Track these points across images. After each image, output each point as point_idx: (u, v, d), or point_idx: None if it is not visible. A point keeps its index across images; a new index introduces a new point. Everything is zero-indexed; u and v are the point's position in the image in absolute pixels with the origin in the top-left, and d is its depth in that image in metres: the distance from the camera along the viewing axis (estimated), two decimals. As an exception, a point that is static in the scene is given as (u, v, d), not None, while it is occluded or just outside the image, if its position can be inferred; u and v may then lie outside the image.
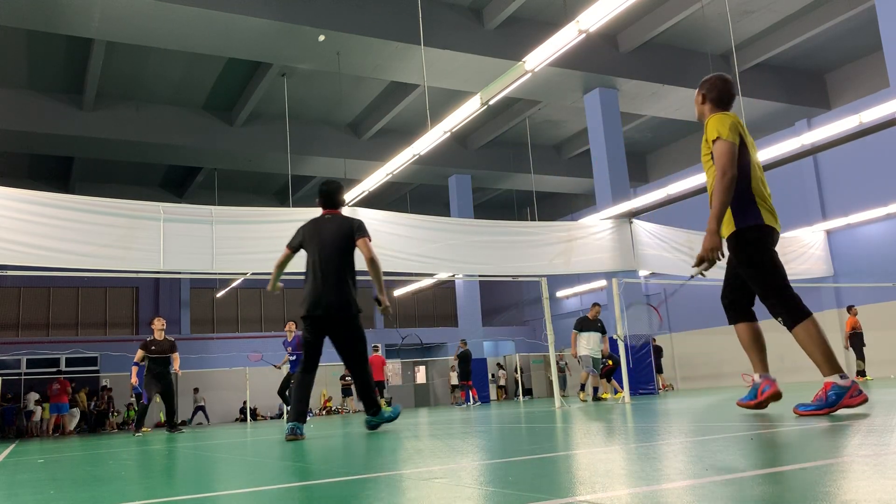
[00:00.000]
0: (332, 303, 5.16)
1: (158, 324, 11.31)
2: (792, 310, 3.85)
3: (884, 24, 11.90)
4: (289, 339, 12.43)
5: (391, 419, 5.75)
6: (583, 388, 12.68)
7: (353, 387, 20.48)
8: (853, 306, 14.75)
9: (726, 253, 4.06)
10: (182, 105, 17.75)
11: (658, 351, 18.56)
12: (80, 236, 7.40)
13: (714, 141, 3.89)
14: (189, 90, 17.03)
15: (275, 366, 13.57)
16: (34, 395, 20.30)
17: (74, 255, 7.35)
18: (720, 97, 4.17)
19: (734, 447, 2.45)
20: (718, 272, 4.57)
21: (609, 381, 12.53)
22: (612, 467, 2.12)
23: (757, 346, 4.27)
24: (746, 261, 3.94)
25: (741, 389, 12.54)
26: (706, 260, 3.94)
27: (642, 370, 14.83)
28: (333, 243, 5.26)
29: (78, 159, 19.60)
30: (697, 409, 5.97)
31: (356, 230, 5.30)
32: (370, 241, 5.32)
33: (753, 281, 3.96)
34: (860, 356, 14.28)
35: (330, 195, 5.55)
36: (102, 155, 18.09)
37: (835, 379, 3.70)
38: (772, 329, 4.70)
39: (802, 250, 15.29)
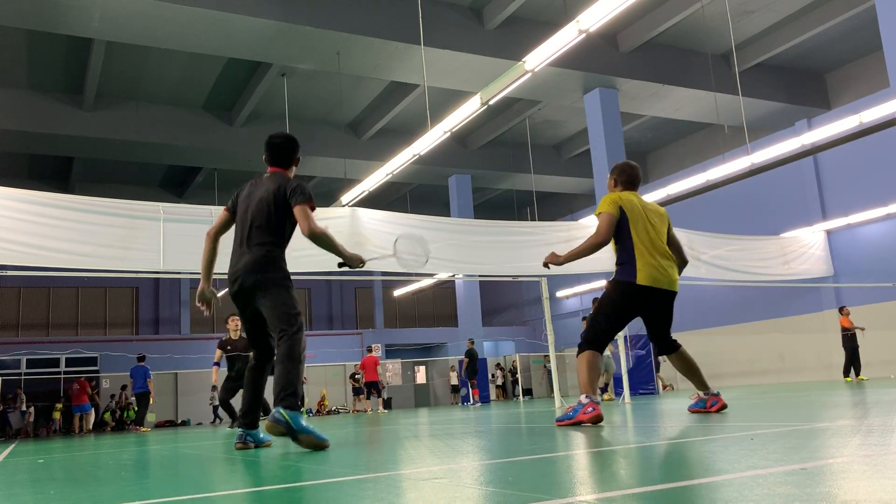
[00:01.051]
0: (244, 269, 4.09)
1: (233, 324, 10.51)
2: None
3: (884, 24, 11.90)
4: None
5: (314, 444, 3.76)
6: (605, 389, 12.68)
7: (363, 386, 20.37)
8: (844, 307, 14.77)
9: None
10: (182, 105, 17.75)
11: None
12: (80, 236, 7.40)
13: (599, 214, 4.78)
14: (189, 90, 17.03)
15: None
16: (22, 395, 20.49)
17: (74, 255, 7.35)
18: (625, 178, 5.07)
19: (734, 447, 2.45)
20: (720, 272, 4.84)
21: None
22: (613, 467, 2.12)
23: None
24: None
25: (741, 390, 12.53)
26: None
27: (642, 370, 14.82)
28: (260, 206, 4.16)
29: (78, 159, 19.60)
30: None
31: (291, 194, 4.10)
32: (312, 209, 4.10)
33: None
34: (849, 359, 14.12)
35: (276, 148, 4.37)
36: (102, 155, 18.09)
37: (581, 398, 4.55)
38: (773, 329, 4.74)
39: (802, 250, 15.29)
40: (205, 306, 4.45)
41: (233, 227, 4.41)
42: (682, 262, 4.97)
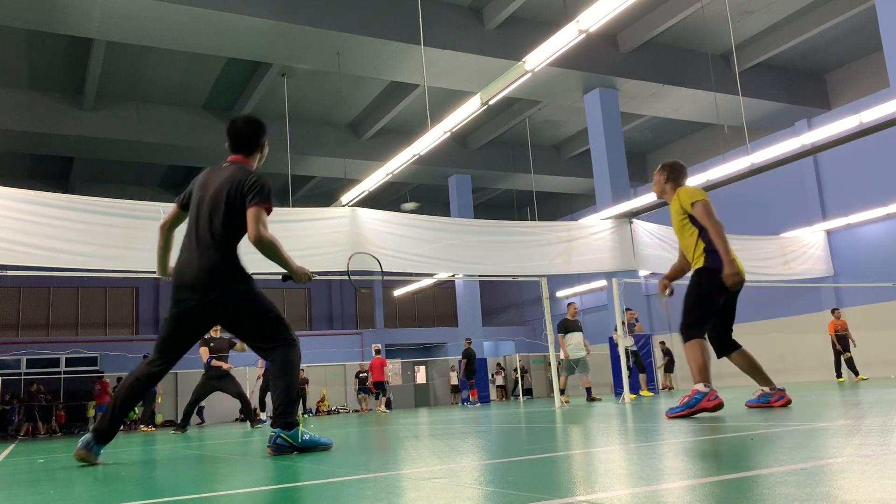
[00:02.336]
0: (199, 279, 3.59)
1: None
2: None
3: (884, 24, 11.90)
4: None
5: (305, 447, 3.62)
6: (563, 391, 12.77)
7: (368, 384, 20.40)
8: (836, 309, 14.82)
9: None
10: (182, 105, 17.75)
11: (668, 352, 18.45)
12: (80, 236, 7.40)
13: (694, 204, 4.93)
14: (189, 90, 17.03)
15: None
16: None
17: (74, 255, 7.35)
18: (680, 175, 5.29)
19: (734, 447, 2.45)
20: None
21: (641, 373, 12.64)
22: (612, 467, 2.12)
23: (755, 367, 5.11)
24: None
25: (739, 390, 12.54)
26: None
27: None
28: (216, 202, 3.67)
29: (78, 159, 19.60)
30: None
31: (248, 190, 3.62)
32: (268, 212, 3.69)
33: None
34: (842, 357, 14.28)
35: (236, 133, 3.87)
36: (102, 155, 18.09)
37: (699, 387, 4.73)
38: (773, 329, 4.81)
39: (802, 250, 15.29)
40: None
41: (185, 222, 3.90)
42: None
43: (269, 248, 3.62)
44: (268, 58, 13.81)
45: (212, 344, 10.58)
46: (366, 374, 21.67)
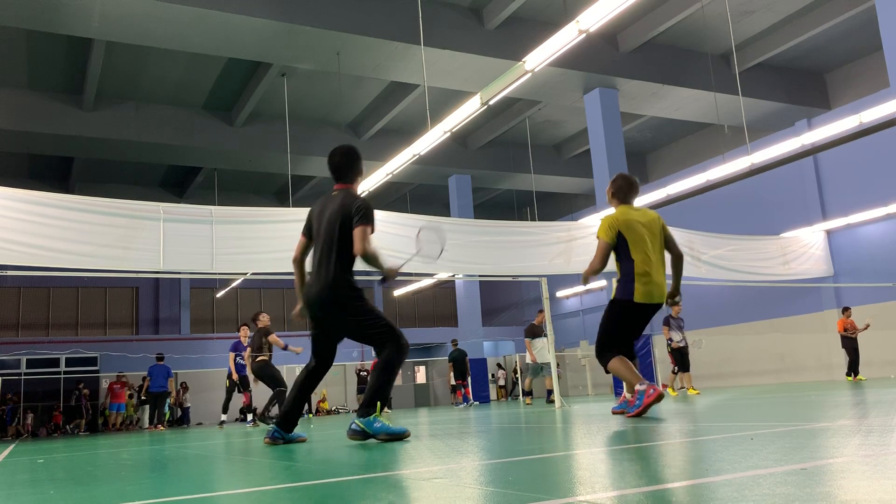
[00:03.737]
0: (317, 297, 4.27)
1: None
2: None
3: (884, 24, 11.90)
4: (244, 344, 12.39)
5: (390, 436, 4.08)
6: (529, 393, 12.93)
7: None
8: (848, 308, 14.76)
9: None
10: (182, 105, 17.75)
11: (682, 350, 17.64)
12: (80, 236, 7.40)
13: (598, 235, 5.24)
14: (189, 90, 17.03)
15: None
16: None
17: (74, 255, 7.35)
18: (624, 194, 5.42)
19: (734, 447, 2.45)
20: (720, 272, 4.96)
21: (683, 372, 12.71)
22: (612, 467, 2.12)
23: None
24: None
25: (740, 390, 12.53)
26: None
27: (642, 370, 14.82)
28: (329, 228, 4.31)
29: (78, 159, 19.60)
30: (697, 409, 5.97)
31: (355, 213, 4.24)
32: (370, 230, 4.27)
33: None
34: (851, 359, 14.22)
35: (335, 167, 4.51)
36: (102, 155, 18.09)
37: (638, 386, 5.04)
38: (773, 329, 4.77)
39: (802, 250, 15.29)
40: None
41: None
42: (676, 259, 5.35)
43: (372, 260, 4.27)
44: (268, 58, 13.81)
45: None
46: (366, 374, 21.70)
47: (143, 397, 20.15)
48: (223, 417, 13.60)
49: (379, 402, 4.18)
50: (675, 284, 5.39)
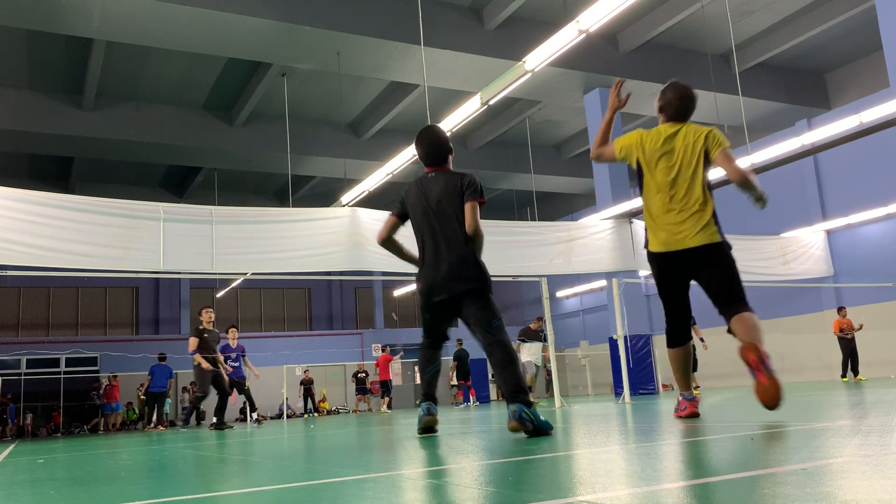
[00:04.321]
0: (448, 277, 4.07)
1: (206, 315, 11.23)
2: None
3: (884, 24, 11.90)
4: (232, 346, 12.36)
5: (541, 427, 3.72)
6: (530, 389, 13.11)
7: (367, 384, 20.55)
8: (843, 308, 14.77)
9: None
10: (182, 105, 17.75)
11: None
12: (80, 236, 7.40)
13: (727, 148, 4.06)
14: (189, 90, 17.03)
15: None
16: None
17: (74, 255, 7.35)
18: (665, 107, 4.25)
19: (734, 447, 2.45)
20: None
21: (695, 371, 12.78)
22: (612, 467, 2.12)
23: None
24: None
25: (741, 390, 12.53)
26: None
27: (642, 370, 14.81)
28: (444, 211, 4.17)
29: (78, 159, 19.60)
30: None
31: (467, 187, 4.17)
32: (481, 205, 4.17)
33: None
34: (846, 360, 14.24)
35: (426, 150, 4.43)
36: (102, 155, 18.09)
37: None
38: (773, 329, 4.76)
39: (802, 250, 15.29)
40: None
41: (402, 236, 4.51)
42: (737, 180, 3.91)
43: (480, 239, 4.15)
44: (268, 58, 13.81)
45: (206, 335, 10.79)
46: (364, 375, 21.75)
47: (142, 397, 20.18)
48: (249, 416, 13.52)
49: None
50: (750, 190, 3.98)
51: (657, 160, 4.07)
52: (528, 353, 13.36)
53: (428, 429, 4.37)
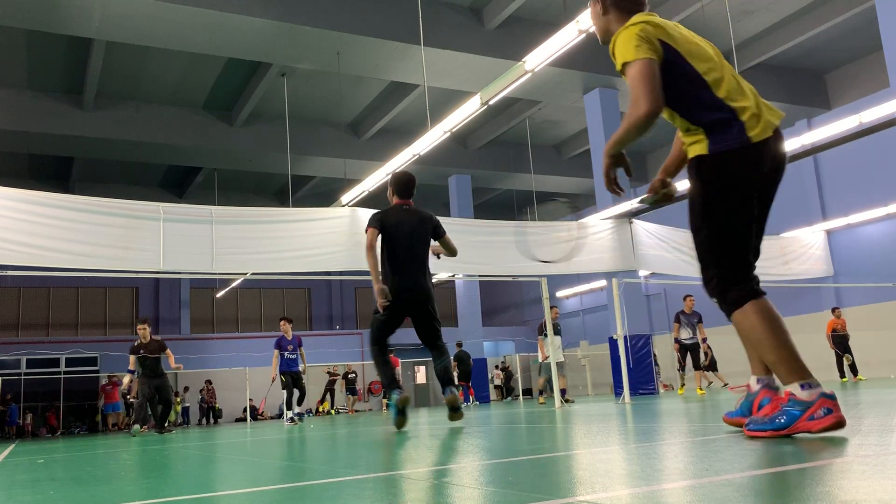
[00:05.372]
0: (423, 287, 5.40)
1: (142, 331, 11.10)
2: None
3: (884, 24, 11.90)
4: (287, 339, 12.12)
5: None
6: (542, 392, 12.72)
7: (355, 385, 20.60)
8: (837, 308, 14.80)
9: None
10: (182, 105, 17.75)
11: (690, 348, 16.35)
12: (80, 236, 7.40)
13: (624, 66, 2.79)
14: (189, 90, 17.03)
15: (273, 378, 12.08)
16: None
17: (74, 255, 7.35)
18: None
19: (734, 447, 2.45)
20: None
21: (712, 371, 12.49)
22: (612, 467, 2.12)
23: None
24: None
25: (741, 390, 12.52)
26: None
27: (642, 370, 14.81)
28: (422, 237, 5.52)
29: (78, 159, 19.60)
30: (697, 409, 5.97)
31: (438, 226, 5.67)
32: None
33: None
34: (840, 359, 14.37)
35: (409, 187, 5.70)
36: (102, 155, 18.09)
37: (794, 389, 2.64)
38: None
39: (802, 250, 15.29)
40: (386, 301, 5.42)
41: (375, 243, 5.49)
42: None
43: (456, 255, 5.86)
44: (268, 58, 13.81)
45: (141, 351, 10.79)
46: (354, 375, 21.86)
47: (131, 399, 20.21)
48: (290, 414, 13.23)
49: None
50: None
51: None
52: (551, 350, 12.52)
53: (404, 410, 5.26)
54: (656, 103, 2.69)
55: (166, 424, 11.19)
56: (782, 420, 2.62)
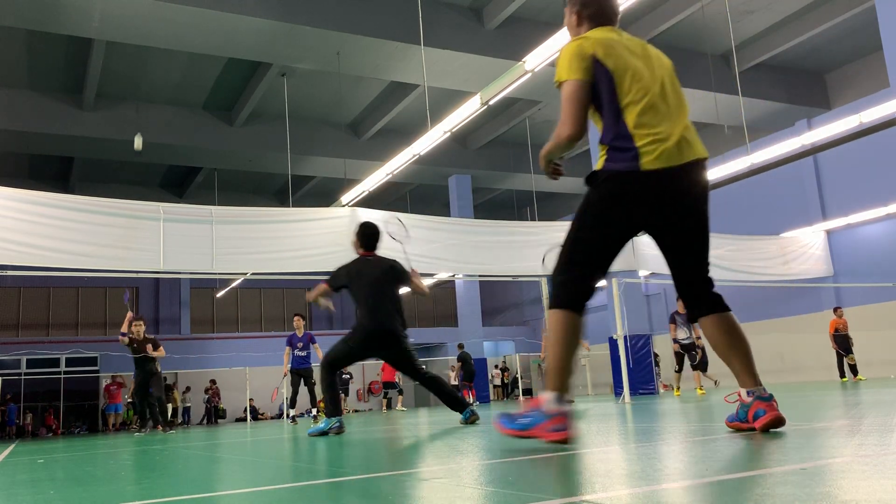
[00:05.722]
0: (395, 329, 5.77)
1: (136, 327, 11.09)
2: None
3: (884, 24, 11.90)
4: (298, 335, 12.06)
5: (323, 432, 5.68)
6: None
7: (349, 387, 20.66)
8: (839, 307, 14.78)
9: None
10: (182, 105, 17.75)
11: (688, 348, 16.11)
12: (80, 236, 7.41)
13: (559, 83, 2.94)
14: (189, 90, 17.03)
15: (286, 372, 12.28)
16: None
17: (74, 255, 7.36)
18: (599, 12, 3.26)
19: (734, 447, 2.45)
20: (720, 272, 4.29)
21: (704, 371, 12.43)
22: (612, 467, 2.12)
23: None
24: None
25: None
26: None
27: (642, 370, 14.82)
28: (389, 284, 5.87)
29: (78, 159, 19.60)
30: (697, 409, 5.97)
31: (402, 273, 6.00)
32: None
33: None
34: (841, 359, 14.35)
35: (374, 239, 6.01)
36: (102, 155, 18.09)
37: (548, 397, 2.82)
38: (773, 329, 4.65)
39: (802, 250, 15.30)
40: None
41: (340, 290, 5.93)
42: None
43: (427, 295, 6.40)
44: (268, 58, 13.81)
45: (135, 345, 10.74)
46: (348, 376, 21.88)
47: (130, 399, 20.23)
48: (292, 413, 13.27)
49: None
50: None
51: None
52: None
53: (327, 434, 5.62)
54: (578, 128, 2.89)
55: (168, 421, 11.17)
56: (525, 422, 2.90)
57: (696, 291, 2.99)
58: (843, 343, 14.41)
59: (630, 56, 3.02)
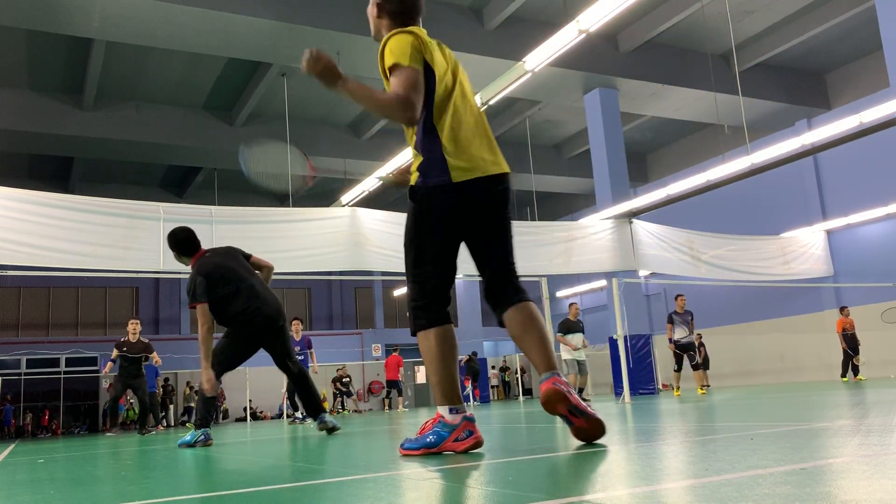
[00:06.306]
0: (278, 313, 5.58)
1: (131, 327, 11.16)
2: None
3: (884, 24, 11.90)
4: (296, 339, 12.25)
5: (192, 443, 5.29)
6: (581, 390, 12.60)
7: (350, 387, 20.69)
8: (845, 307, 14.76)
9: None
10: (182, 105, 17.75)
11: (686, 347, 15.86)
12: (80, 236, 7.41)
13: (394, 67, 2.86)
14: (189, 90, 17.03)
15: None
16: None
17: (74, 255, 7.36)
18: (403, 9, 3.18)
19: (734, 447, 2.45)
20: (720, 272, 4.40)
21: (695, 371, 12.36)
22: (612, 467, 2.12)
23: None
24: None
25: (740, 390, 12.52)
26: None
27: (642, 370, 14.81)
28: (245, 269, 5.63)
29: (78, 159, 19.60)
30: (697, 409, 5.97)
31: (247, 254, 5.90)
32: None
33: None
34: (846, 359, 14.32)
35: (188, 241, 5.66)
36: (102, 155, 18.09)
37: (444, 412, 2.85)
38: (773, 329, 4.65)
39: (802, 250, 15.29)
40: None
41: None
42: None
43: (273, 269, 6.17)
44: (268, 58, 13.81)
45: (125, 348, 10.87)
46: (348, 379, 21.92)
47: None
48: (298, 414, 13.27)
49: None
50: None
51: None
52: (569, 351, 12.01)
53: (194, 445, 5.32)
54: (413, 112, 2.86)
55: (148, 426, 11.23)
56: (432, 440, 2.85)
57: (445, 288, 3.09)
58: (850, 343, 14.38)
59: (444, 57, 3.09)
